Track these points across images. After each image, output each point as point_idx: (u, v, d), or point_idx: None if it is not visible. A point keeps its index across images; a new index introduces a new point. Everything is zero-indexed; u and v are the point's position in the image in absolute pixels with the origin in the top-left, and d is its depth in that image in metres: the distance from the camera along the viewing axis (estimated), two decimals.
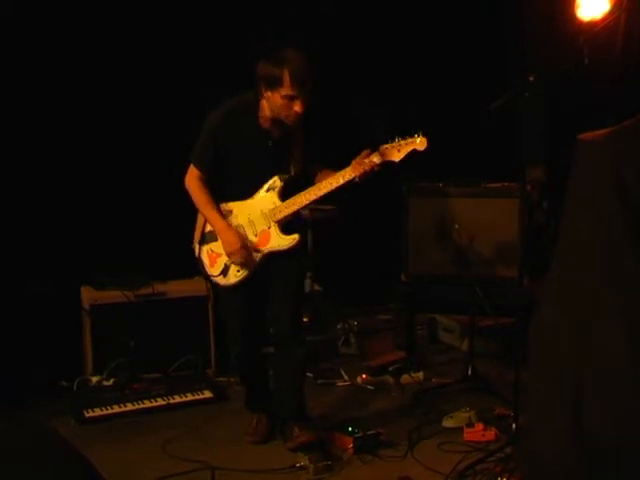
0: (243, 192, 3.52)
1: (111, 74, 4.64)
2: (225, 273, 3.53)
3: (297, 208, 3.48)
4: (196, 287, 4.56)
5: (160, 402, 4.16)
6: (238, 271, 3.51)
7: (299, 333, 3.67)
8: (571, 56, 4.05)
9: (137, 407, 4.10)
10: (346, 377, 4.56)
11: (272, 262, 3.53)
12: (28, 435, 2.03)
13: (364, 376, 4.49)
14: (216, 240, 3.54)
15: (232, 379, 4.40)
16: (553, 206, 4.99)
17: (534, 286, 4.08)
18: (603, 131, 2.08)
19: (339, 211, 4.71)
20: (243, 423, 3.82)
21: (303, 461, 3.41)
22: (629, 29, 4.71)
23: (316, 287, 4.93)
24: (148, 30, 4.66)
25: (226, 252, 3.49)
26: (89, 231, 4.63)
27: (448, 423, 3.83)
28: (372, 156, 3.33)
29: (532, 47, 5.42)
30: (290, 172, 3.50)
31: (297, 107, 3.30)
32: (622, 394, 1.91)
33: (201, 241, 3.60)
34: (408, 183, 4.67)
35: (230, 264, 3.51)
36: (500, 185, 4.56)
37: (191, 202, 3.54)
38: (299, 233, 3.53)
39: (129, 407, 4.09)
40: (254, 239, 3.51)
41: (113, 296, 4.44)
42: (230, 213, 3.54)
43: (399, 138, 3.32)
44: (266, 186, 3.49)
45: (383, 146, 3.33)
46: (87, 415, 3.99)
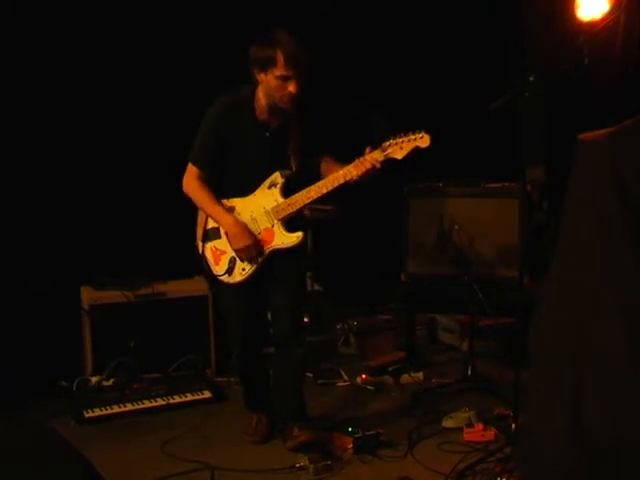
0: (243, 187, 3.49)
1: (111, 75, 4.63)
2: (230, 272, 3.49)
3: (301, 206, 3.45)
4: (196, 287, 4.57)
5: (160, 402, 4.16)
6: (243, 269, 3.48)
7: (299, 333, 3.66)
8: (571, 56, 4.05)
9: (137, 407, 4.10)
10: (346, 377, 4.56)
11: (273, 262, 3.51)
12: (28, 435, 2.03)
13: (364, 376, 4.49)
14: (219, 237, 3.51)
15: (232, 379, 4.40)
16: (553, 206, 4.99)
17: (534, 286, 4.08)
18: (603, 131, 2.08)
19: (339, 211, 4.70)
20: (243, 423, 3.82)
21: (303, 461, 3.41)
22: (629, 29, 4.70)
23: (316, 287, 4.92)
24: (148, 30, 4.65)
25: (234, 248, 3.45)
26: (89, 231, 4.63)
27: (448, 423, 3.82)
28: (374, 153, 3.30)
29: (532, 47, 5.42)
30: (291, 168, 3.47)
31: (291, 87, 3.27)
32: (622, 394, 1.91)
33: (204, 239, 3.55)
34: (408, 183, 4.66)
35: (235, 262, 3.48)
36: (500, 185, 4.56)
37: (191, 201, 3.53)
38: (302, 231, 3.51)
39: (129, 407, 4.09)
40: (258, 237, 3.48)
41: (113, 296, 4.44)
42: (232, 210, 3.50)
43: (402, 134, 3.28)
44: (268, 182, 3.47)
45: (385, 143, 3.29)
46: (87, 415, 3.99)
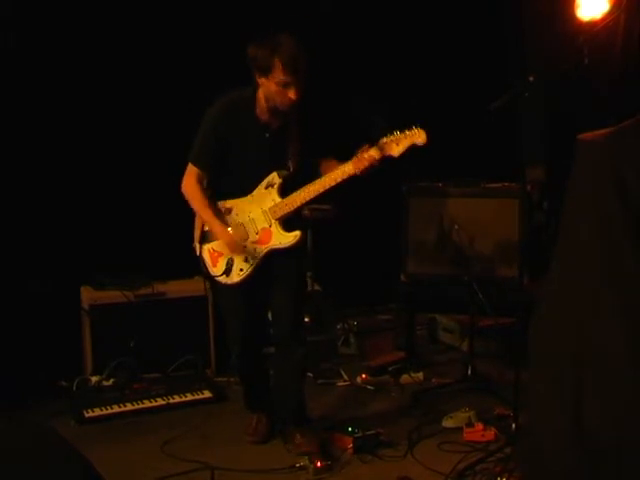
0: (242, 188, 3.49)
1: (111, 76, 4.63)
2: (228, 272, 3.50)
3: (297, 205, 3.45)
4: (196, 287, 4.55)
5: (160, 402, 4.16)
6: (241, 270, 3.49)
7: (299, 333, 3.65)
8: (571, 56, 4.06)
9: (137, 407, 4.10)
10: (346, 377, 4.56)
11: (272, 262, 3.51)
12: (28, 435, 2.03)
13: (364, 376, 4.49)
14: (217, 239, 3.52)
15: (232, 379, 4.40)
16: (553, 206, 4.99)
17: (534, 286, 4.08)
18: (603, 131, 2.08)
19: (339, 211, 4.70)
20: (243, 423, 3.82)
21: (303, 461, 3.41)
22: (629, 29, 4.70)
23: (316, 287, 4.92)
24: (148, 30, 4.65)
25: (231, 253, 3.48)
26: (89, 231, 4.63)
27: (448, 423, 3.82)
28: (371, 151, 3.31)
29: (532, 47, 5.42)
30: (289, 168, 3.47)
31: (291, 94, 3.27)
32: (622, 394, 1.91)
33: (201, 240, 3.56)
34: (408, 183, 4.66)
35: (233, 262, 3.48)
36: (500, 185, 4.56)
37: None
38: (301, 230, 3.51)
39: (129, 407, 4.09)
40: (255, 237, 3.48)
41: (113, 296, 4.44)
42: (230, 211, 3.51)
43: (397, 131, 3.30)
44: (265, 182, 3.47)
45: (382, 140, 3.31)
46: (87, 415, 3.99)
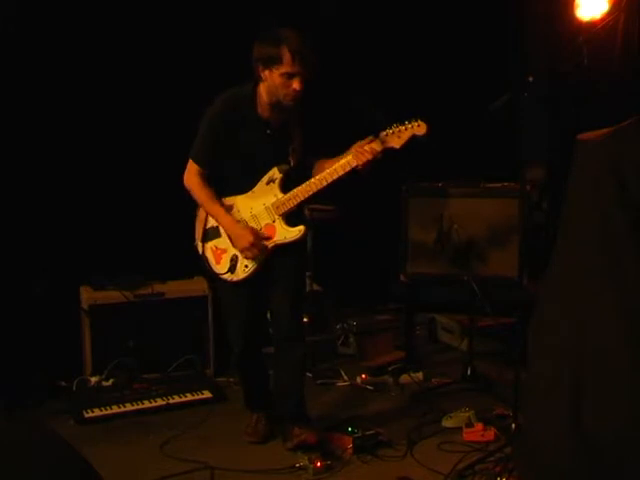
0: (243, 184, 3.48)
1: (111, 75, 4.62)
2: (233, 270, 3.48)
3: (300, 200, 3.43)
4: (195, 287, 4.57)
5: (159, 402, 4.16)
6: (246, 266, 3.47)
7: (299, 333, 3.65)
8: (571, 56, 4.05)
9: (136, 407, 4.10)
10: (346, 377, 4.55)
11: (272, 261, 3.50)
12: (28, 435, 2.03)
13: (364, 376, 4.49)
14: (219, 236, 3.51)
15: (231, 379, 4.40)
16: (553, 206, 4.99)
17: (534, 286, 4.08)
18: (603, 131, 2.08)
19: (339, 211, 4.70)
20: (242, 423, 3.82)
21: (303, 461, 3.41)
22: (628, 29, 4.71)
23: (316, 287, 4.92)
24: (149, 30, 4.65)
25: (238, 248, 3.45)
26: (88, 231, 4.62)
27: (448, 423, 3.82)
28: (373, 143, 3.31)
29: (532, 47, 5.43)
30: (289, 162, 3.46)
31: (296, 84, 3.27)
32: (622, 394, 1.91)
33: (204, 238, 3.55)
34: (408, 183, 4.66)
35: (237, 259, 3.47)
36: (500, 185, 4.55)
37: (190, 202, 3.52)
38: (304, 225, 3.50)
39: (128, 407, 4.09)
40: (259, 233, 3.47)
41: (112, 296, 4.44)
42: (232, 208, 3.50)
43: (398, 124, 3.31)
44: (266, 178, 3.46)
45: (383, 133, 3.32)
46: (86, 415, 3.99)
